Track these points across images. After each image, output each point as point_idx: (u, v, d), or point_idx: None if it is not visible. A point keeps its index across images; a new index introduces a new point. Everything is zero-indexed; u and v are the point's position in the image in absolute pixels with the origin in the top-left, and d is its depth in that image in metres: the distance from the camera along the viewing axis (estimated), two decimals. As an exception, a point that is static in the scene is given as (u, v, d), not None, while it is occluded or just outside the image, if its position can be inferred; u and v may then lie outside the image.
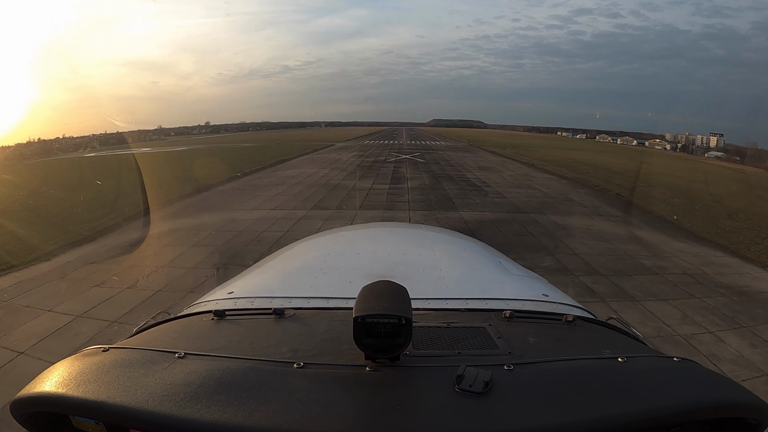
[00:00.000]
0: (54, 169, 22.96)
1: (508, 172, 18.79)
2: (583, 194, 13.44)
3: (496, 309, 1.17)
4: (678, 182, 17.15)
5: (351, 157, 25.81)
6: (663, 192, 13.81)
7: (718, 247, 7.79)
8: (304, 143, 42.10)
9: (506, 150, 33.49)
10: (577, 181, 16.24)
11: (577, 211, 10.84)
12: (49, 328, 4.49)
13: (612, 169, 20.99)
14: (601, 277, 6.03)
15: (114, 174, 16.96)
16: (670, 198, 12.83)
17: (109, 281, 5.79)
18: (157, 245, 7.50)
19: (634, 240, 8.11)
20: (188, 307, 1.37)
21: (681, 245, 7.81)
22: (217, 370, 0.84)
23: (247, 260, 6.01)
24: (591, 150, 42.75)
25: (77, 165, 26.14)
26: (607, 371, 0.87)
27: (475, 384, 0.79)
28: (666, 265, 6.62)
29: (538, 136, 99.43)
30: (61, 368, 0.88)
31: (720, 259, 7.10)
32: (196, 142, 55.67)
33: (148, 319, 1.26)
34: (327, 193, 13.02)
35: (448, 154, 29.73)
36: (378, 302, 0.87)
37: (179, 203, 11.80)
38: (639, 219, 10.00)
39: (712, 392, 0.84)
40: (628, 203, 11.93)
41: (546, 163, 22.76)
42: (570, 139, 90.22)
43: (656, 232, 8.76)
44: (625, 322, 1.32)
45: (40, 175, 19.28)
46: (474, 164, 22.30)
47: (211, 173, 16.94)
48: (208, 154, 31.94)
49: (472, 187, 14.49)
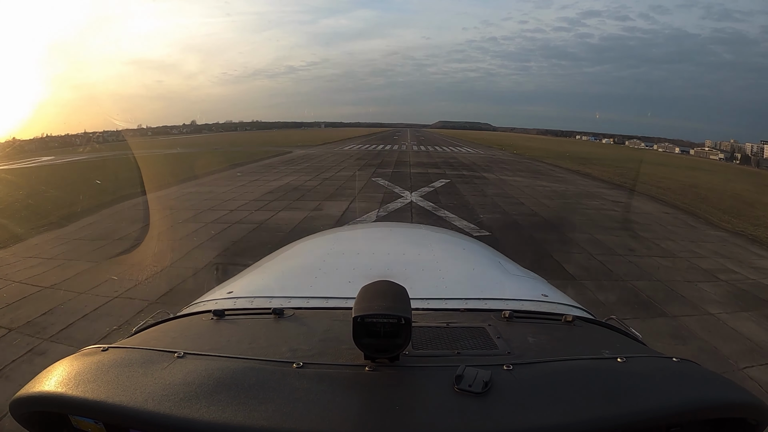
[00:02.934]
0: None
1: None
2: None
3: (496, 309, 1.18)
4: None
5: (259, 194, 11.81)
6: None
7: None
8: (258, 148, 31.02)
9: (587, 166, 21.37)
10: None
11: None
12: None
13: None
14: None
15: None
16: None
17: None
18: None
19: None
20: (187, 307, 1.38)
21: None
22: (217, 370, 0.84)
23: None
24: (666, 164, 30.49)
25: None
26: (606, 371, 0.88)
27: (475, 384, 0.79)
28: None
29: (562, 141, 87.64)
30: (60, 368, 0.88)
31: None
32: (142, 145, 38.80)
33: (147, 319, 1.26)
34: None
35: (510, 184, 14.56)
36: (377, 302, 0.87)
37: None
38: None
39: (712, 392, 0.85)
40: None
41: (691, 199, 13.09)
42: (608, 146, 78.75)
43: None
44: (625, 323, 1.32)
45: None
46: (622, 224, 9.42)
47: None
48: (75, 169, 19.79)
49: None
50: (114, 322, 4.36)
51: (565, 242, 7.64)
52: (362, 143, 38.90)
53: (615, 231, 8.64)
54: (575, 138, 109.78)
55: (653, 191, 14.39)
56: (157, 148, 34.64)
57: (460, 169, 19.20)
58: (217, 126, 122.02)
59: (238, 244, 7.24)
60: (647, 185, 15.57)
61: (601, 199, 12.66)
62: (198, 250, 6.88)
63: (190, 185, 13.85)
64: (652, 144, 78.28)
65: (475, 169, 19.43)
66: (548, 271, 5.51)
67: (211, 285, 1.67)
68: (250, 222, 8.73)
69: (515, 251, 5.95)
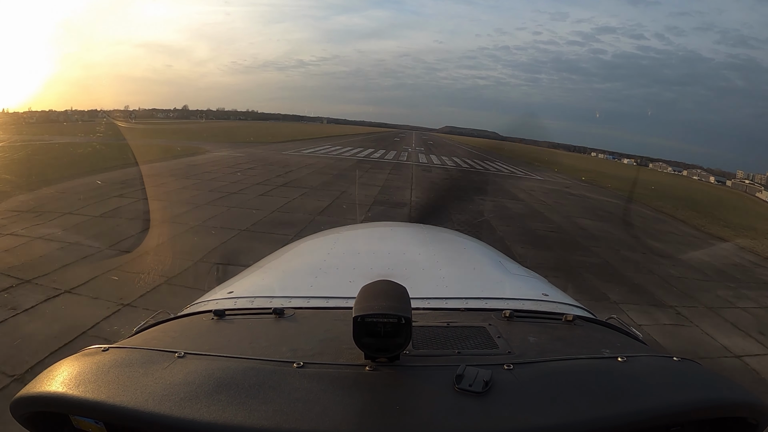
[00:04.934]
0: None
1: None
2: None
3: (496, 308, 1.17)
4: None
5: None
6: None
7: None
8: (186, 143, 22.18)
9: (704, 218, 15.11)
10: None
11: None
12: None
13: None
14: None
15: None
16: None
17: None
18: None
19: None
20: (188, 307, 1.38)
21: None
22: (217, 370, 0.84)
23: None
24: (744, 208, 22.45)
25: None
26: (606, 371, 0.88)
27: (475, 383, 0.79)
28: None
29: (582, 158, 77.88)
30: (61, 368, 0.88)
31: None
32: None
33: (147, 319, 1.26)
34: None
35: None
36: (378, 302, 0.87)
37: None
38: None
39: (712, 392, 0.85)
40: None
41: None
42: (643, 170, 62.07)
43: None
44: (625, 323, 1.32)
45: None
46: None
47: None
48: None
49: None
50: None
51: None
52: (345, 146, 29.40)
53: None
54: (591, 155, 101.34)
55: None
56: (68, 135, 24.63)
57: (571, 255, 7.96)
58: (209, 113, 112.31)
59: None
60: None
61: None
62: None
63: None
64: (680, 169, 67.60)
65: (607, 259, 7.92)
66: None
67: (211, 285, 1.67)
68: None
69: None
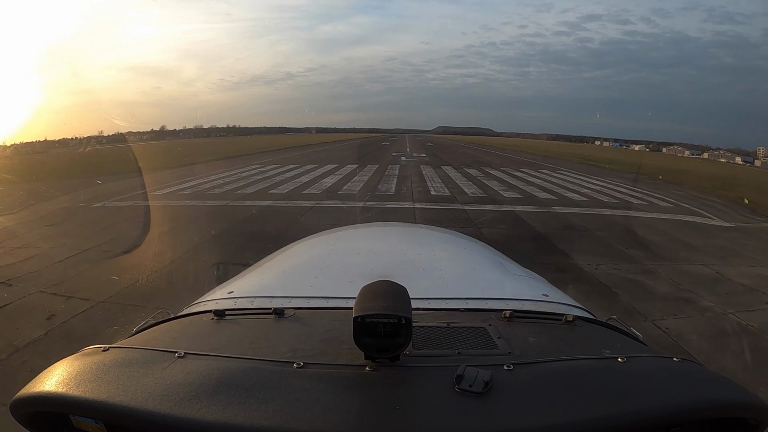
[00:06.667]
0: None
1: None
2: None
3: (496, 309, 1.17)
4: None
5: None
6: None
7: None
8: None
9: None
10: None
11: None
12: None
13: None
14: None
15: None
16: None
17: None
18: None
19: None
20: (188, 307, 1.38)
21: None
22: (217, 370, 0.84)
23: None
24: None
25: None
26: (606, 371, 0.88)
27: (475, 384, 0.79)
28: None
29: (590, 147, 75.81)
30: (60, 368, 0.88)
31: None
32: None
33: (147, 319, 1.26)
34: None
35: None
36: (378, 302, 0.87)
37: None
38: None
39: (712, 392, 0.84)
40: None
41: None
42: (668, 156, 60.18)
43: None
44: (625, 323, 1.33)
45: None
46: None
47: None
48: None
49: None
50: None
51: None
52: (286, 163, 22.21)
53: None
54: (594, 143, 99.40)
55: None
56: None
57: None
58: (186, 132, 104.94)
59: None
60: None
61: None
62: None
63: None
64: (699, 152, 64.18)
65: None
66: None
67: (211, 285, 1.67)
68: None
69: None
